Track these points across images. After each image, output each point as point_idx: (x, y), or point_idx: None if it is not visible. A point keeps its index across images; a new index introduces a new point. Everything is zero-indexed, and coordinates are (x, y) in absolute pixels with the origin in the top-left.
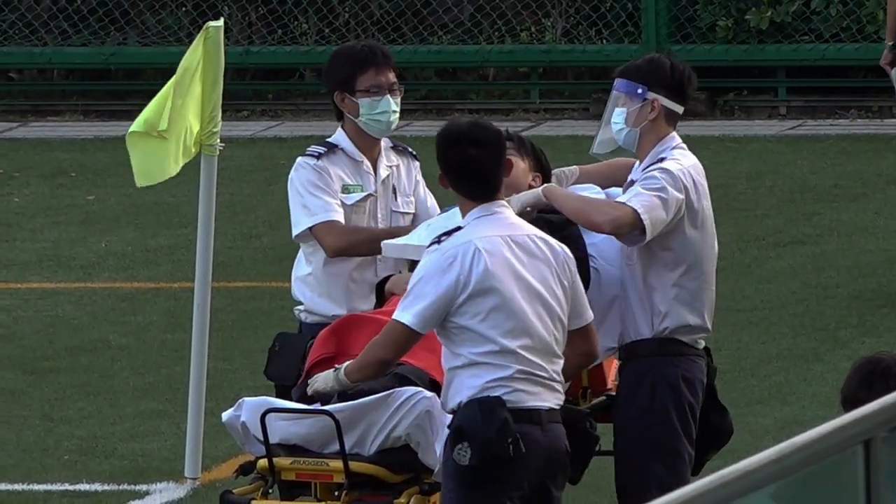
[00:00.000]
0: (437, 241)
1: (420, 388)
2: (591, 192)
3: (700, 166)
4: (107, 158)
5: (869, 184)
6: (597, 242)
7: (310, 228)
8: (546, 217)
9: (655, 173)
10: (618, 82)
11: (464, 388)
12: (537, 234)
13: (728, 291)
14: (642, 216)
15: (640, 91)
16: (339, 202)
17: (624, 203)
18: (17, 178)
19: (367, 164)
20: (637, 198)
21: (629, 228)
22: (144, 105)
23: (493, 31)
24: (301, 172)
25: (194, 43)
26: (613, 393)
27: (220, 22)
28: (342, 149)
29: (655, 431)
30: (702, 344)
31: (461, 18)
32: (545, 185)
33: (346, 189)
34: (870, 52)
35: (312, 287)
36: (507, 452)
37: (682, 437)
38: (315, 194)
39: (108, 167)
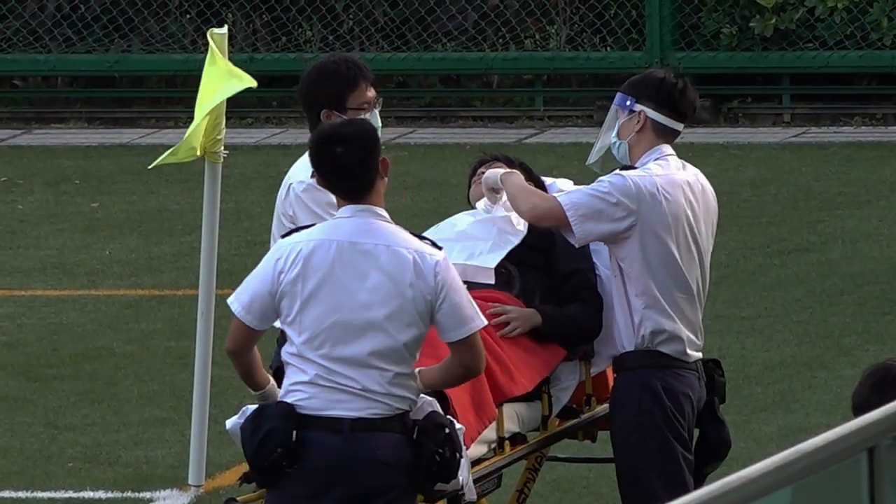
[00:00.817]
0: (283, 235)
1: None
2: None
3: (680, 179)
4: (111, 166)
5: (873, 191)
6: (599, 250)
7: None
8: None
9: (608, 177)
10: (616, 96)
11: (281, 386)
12: (392, 244)
13: (732, 299)
14: (567, 212)
15: (628, 103)
16: None
17: (555, 197)
18: (21, 186)
19: None
20: (571, 195)
21: (551, 222)
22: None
23: (497, 38)
24: (316, 194)
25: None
26: None
27: (224, 29)
28: None
29: (650, 443)
30: (692, 357)
31: (465, 26)
32: (507, 170)
33: None
34: (874, 60)
35: None
36: (272, 465)
37: (675, 444)
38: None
39: (113, 174)
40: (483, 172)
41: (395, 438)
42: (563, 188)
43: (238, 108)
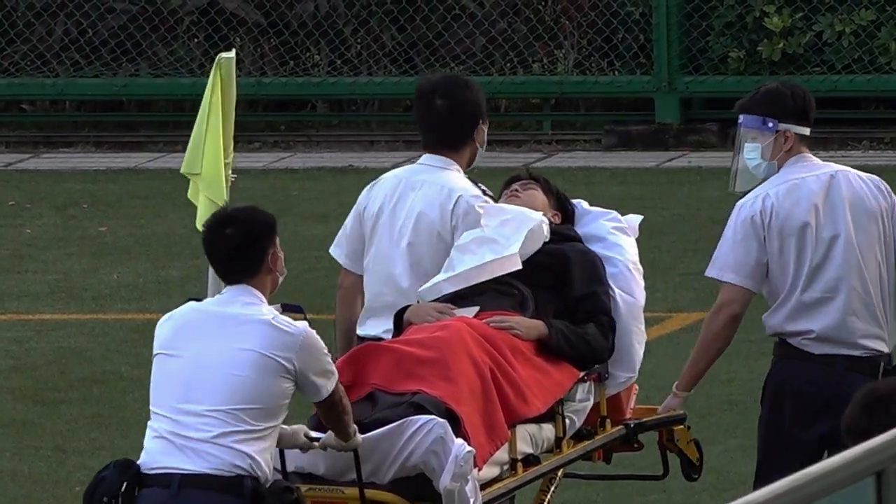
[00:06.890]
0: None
1: (433, 416)
2: (607, 218)
3: (806, 180)
4: (119, 190)
5: None
6: (615, 274)
7: None
8: (564, 237)
9: (732, 218)
10: (744, 118)
11: None
12: (248, 316)
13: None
14: (733, 282)
15: (770, 125)
16: None
17: (723, 282)
18: (29, 210)
19: None
20: (721, 259)
21: (736, 299)
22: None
23: (504, 62)
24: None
25: (210, 76)
26: (632, 423)
27: (232, 53)
28: None
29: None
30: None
31: (473, 50)
32: None
33: None
34: (882, 84)
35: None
36: None
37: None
38: None
39: (120, 198)
40: (517, 189)
41: (225, 499)
42: (589, 209)
43: (246, 133)
